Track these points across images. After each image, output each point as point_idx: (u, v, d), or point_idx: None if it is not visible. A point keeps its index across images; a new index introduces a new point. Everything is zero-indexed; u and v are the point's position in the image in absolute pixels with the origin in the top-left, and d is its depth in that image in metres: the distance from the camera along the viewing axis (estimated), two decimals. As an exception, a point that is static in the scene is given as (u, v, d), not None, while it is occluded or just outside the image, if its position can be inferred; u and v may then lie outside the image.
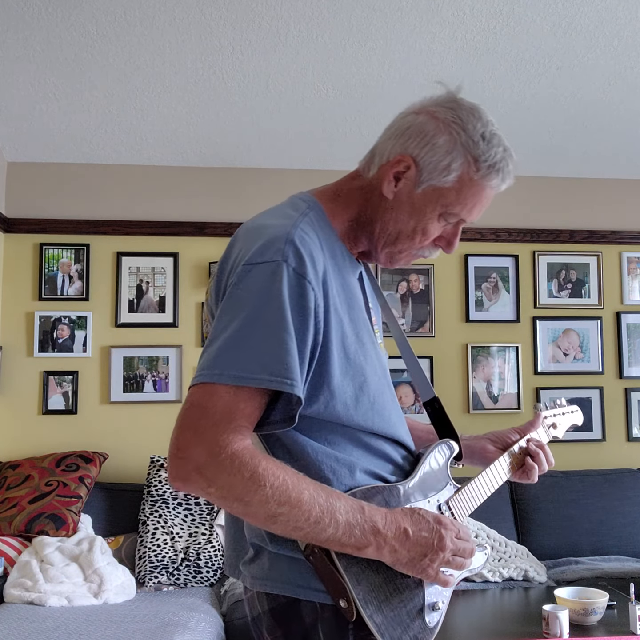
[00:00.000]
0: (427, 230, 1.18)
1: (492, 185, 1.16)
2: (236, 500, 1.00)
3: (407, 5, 2.73)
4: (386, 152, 1.18)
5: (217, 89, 3.17)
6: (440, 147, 1.14)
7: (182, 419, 1.01)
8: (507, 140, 1.17)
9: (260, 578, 1.14)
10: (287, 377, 1.01)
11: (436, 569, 1.09)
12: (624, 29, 2.88)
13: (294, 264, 1.05)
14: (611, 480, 3.48)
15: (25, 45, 2.86)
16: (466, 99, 1.19)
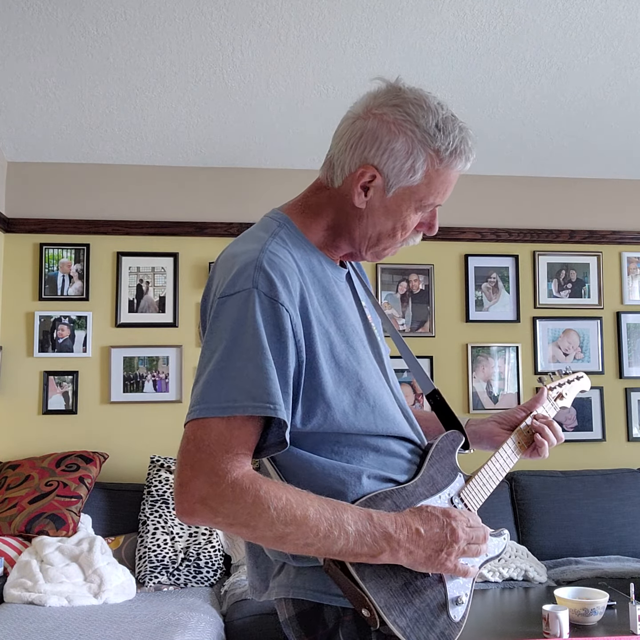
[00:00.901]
0: (406, 225, 1.20)
1: (458, 169, 1.18)
2: (243, 526, 1.03)
3: (407, 5, 2.73)
4: (346, 164, 1.17)
5: (217, 89, 3.17)
6: (399, 150, 1.13)
7: (180, 455, 1.04)
8: (455, 113, 1.17)
9: (285, 586, 1.16)
10: (269, 402, 1.03)
11: (454, 561, 1.11)
12: (624, 29, 2.88)
13: (265, 289, 1.06)
14: (611, 480, 3.48)
15: (25, 45, 2.86)
16: (405, 84, 1.17)
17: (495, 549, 1.27)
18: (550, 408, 1.44)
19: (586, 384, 1.58)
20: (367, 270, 3.69)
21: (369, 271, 3.70)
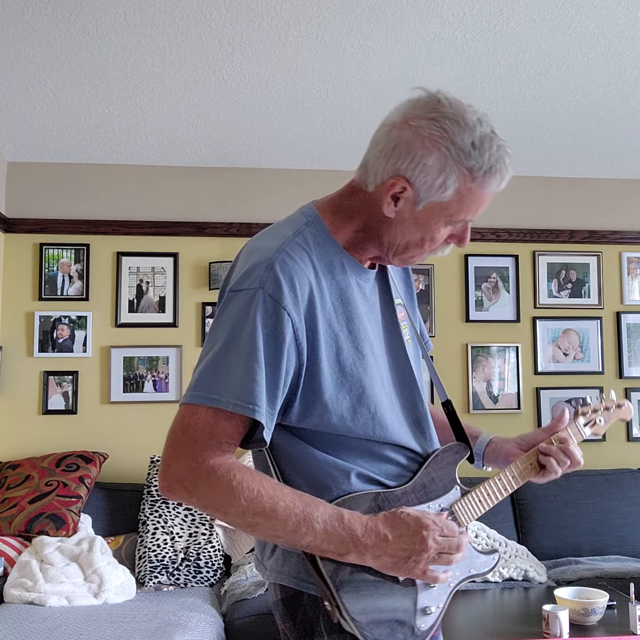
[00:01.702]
0: (435, 238, 1.20)
1: (492, 188, 1.16)
2: (216, 510, 1.09)
3: (407, 5, 2.73)
4: (379, 172, 1.17)
5: (217, 89, 3.17)
6: (432, 166, 1.12)
7: (168, 436, 1.10)
8: (498, 131, 1.14)
9: (275, 571, 1.21)
10: (250, 403, 1.07)
11: (423, 568, 1.11)
12: (624, 29, 2.88)
13: (271, 291, 1.09)
14: (611, 480, 3.48)
15: (25, 45, 2.86)
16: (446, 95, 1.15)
17: (483, 566, 1.26)
18: (576, 433, 1.38)
19: (627, 412, 1.47)
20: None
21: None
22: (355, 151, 4.02)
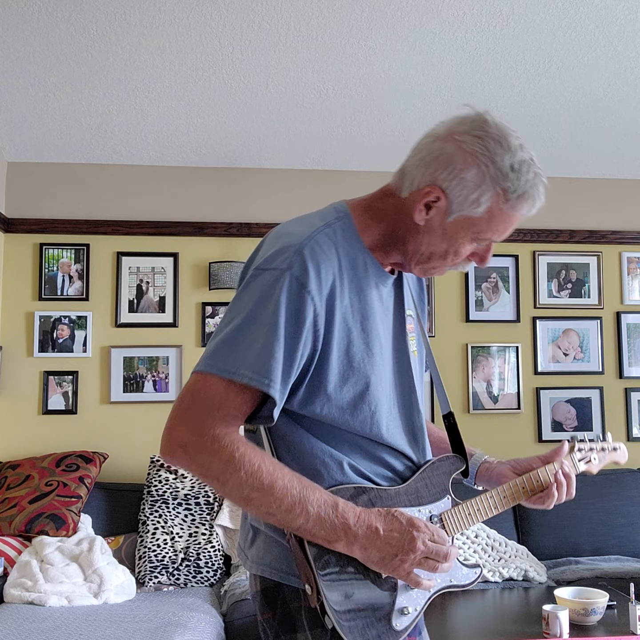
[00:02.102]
0: (459, 252, 1.22)
1: (522, 212, 1.19)
2: (214, 479, 1.10)
3: (407, 5, 2.73)
4: (416, 179, 1.19)
5: (217, 89, 3.17)
6: (469, 181, 1.15)
7: (177, 400, 1.12)
8: (537, 160, 1.17)
9: (255, 562, 1.23)
10: (266, 377, 1.09)
11: (407, 569, 1.11)
12: (624, 29, 2.88)
13: (297, 274, 1.11)
14: (611, 480, 3.48)
15: (25, 45, 2.86)
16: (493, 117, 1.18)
17: (464, 578, 1.25)
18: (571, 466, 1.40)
19: (622, 456, 1.50)
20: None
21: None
22: (355, 151, 4.04)
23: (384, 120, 3.39)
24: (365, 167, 3.68)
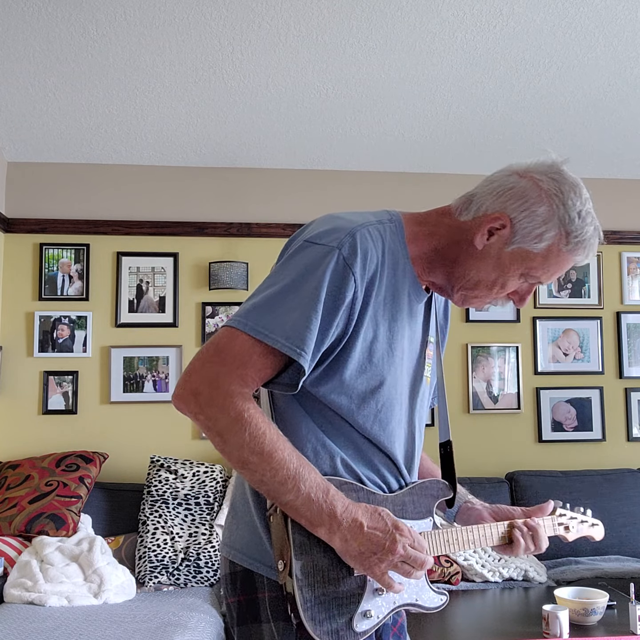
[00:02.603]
0: (506, 285, 1.24)
1: (577, 259, 1.23)
2: (218, 434, 1.10)
3: (407, 5, 2.73)
4: (484, 205, 1.22)
5: (217, 89, 3.17)
6: (539, 215, 1.18)
7: (202, 349, 1.13)
8: (597, 221, 1.23)
9: (227, 545, 1.25)
10: (298, 347, 1.09)
11: (383, 569, 1.12)
12: (624, 29, 2.88)
13: (346, 254, 1.13)
14: (611, 480, 3.48)
15: (25, 45, 2.86)
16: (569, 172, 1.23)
17: (429, 601, 1.25)
18: (549, 526, 1.42)
19: (598, 533, 1.54)
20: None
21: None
22: (355, 151, 4.03)
23: (384, 120, 3.39)
24: (365, 167, 3.68)
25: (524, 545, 1.33)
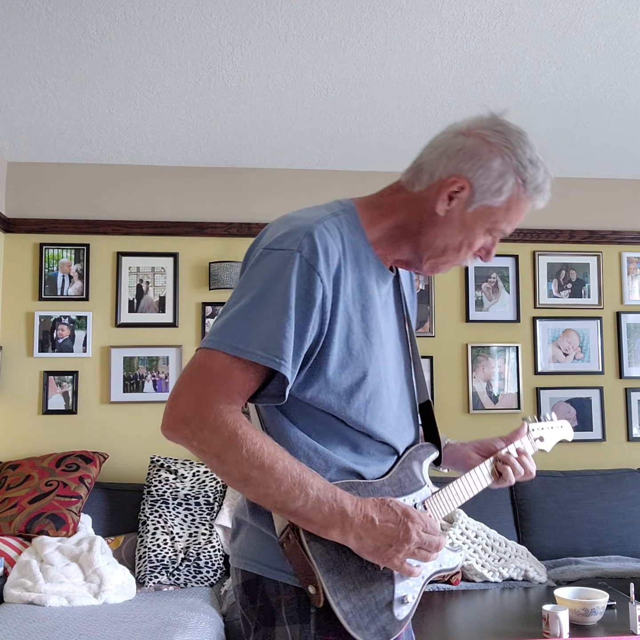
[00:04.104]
0: (473, 244, 1.24)
1: (535, 204, 1.25)
2: (214, 456, 1.09)
3: (407, 5, 2.73)
4: (437, 171, 1.21)
5: (217, 89, 3.17)
6: (494, 170, 1.19)
7: (182, 374, 1.12)
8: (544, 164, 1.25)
9: (237, 555, 1.23)
10: (277, 356, 1.09)
11: (401, 559, 1.13)
12: (624, 29, 2.88)
13: (307, 255, 1.12)
14: (611, 480, 3.48)
15: (25, 45, 2.86)
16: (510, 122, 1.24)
17: (451, 562, 1.30)
18: (529, 445, 1.48)
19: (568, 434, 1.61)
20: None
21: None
22: (355, 151, 4.04)
23: (384, 120, 3.39)
24: (365, 167, 3.68)
25: (512, 474, 1.38)
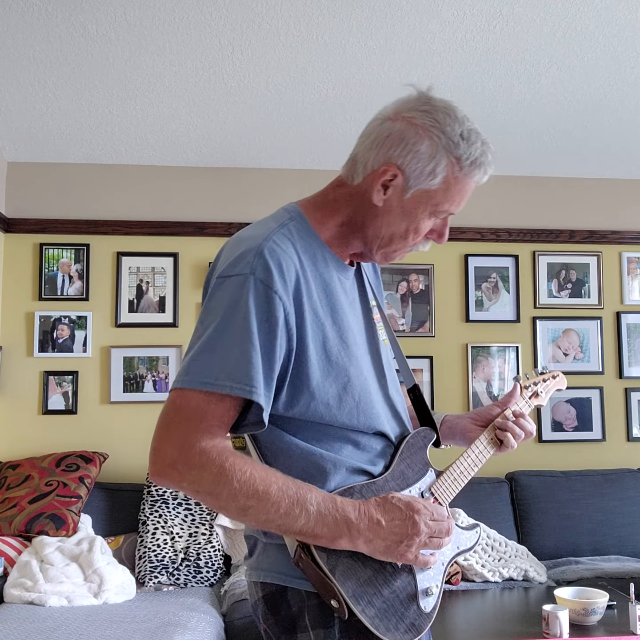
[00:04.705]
0: (419, 229, 1.22)
1: (476, 180, 1.21)
2: (208, 494, 1.08)
3: (406, 5, 2.73)
4: (369, 161, 1.20)
5: (217, 89, 3.17)
6: (424, 153, 1.17)
7: (160, 419, 1.10)
8: (481, 130, 1.21)
9: (254, 569, 1.21)
10: (247, 384, 1.07)
11: (414, 552, 1.13)
12: (624, 29, 2.88)
13: (261, 276, 1.10)
14: (611, 480, 3.48)
15: (25, 45, 2.86)
16: (436, 95, 1.22)
17: (468, 541, 1.30)
18: (524, 406, 1.46)
19: (562, 382, 1.59)
20: (367, 270, 3.68)
21: (369, 271, 3.70)
22: (355, 151, 3.99)
23: (384, 120, 3.39)
24: (365, 167, 3.68)
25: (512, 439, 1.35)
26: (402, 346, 1.42)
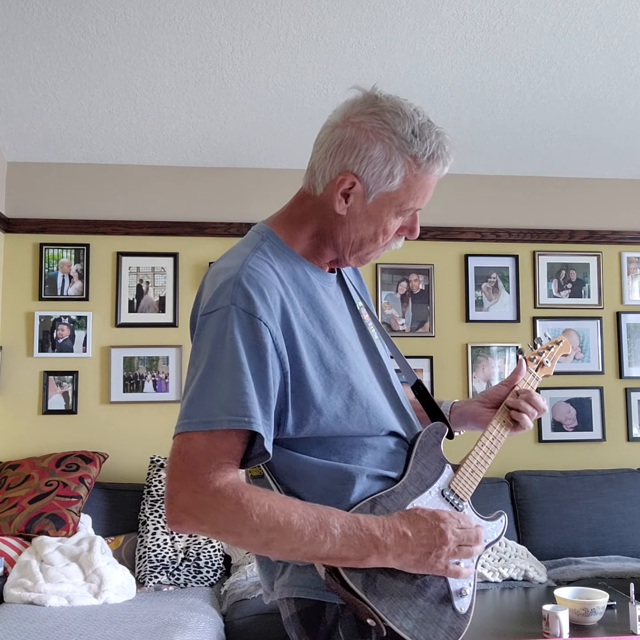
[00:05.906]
0: (387, 230, 1.22)
1: (436, 174, 1.20)
2: (229, 533, 1.06)
3: (406, 5, 2.73)
4: (326, 172, 1.20)
5: (217, 89, 3.17)
6: (378, 157, 1.15)
7: (168, 467, 1.08)
8: (434, 120, 1.20)
9: (287, 585, 1.18)
10: (244, 415, 1.06)
11: (444, 562, 1.11)
12: (624, 29, 2.88)
13: (243, 305, 1.09)
14: (611, 480, 3.48)
15: (25, 45, 2.86)
16: (382, 92, 1.20)
17: (494, 532, 1.30)
18: (532, 380, 1.42)
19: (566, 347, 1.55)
20: (367, 270, 3.68)
21: (368, 271, 3.70)
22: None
23: (384, 120, 3.39)
24: (365, 167, 3.68)
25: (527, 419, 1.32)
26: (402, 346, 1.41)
